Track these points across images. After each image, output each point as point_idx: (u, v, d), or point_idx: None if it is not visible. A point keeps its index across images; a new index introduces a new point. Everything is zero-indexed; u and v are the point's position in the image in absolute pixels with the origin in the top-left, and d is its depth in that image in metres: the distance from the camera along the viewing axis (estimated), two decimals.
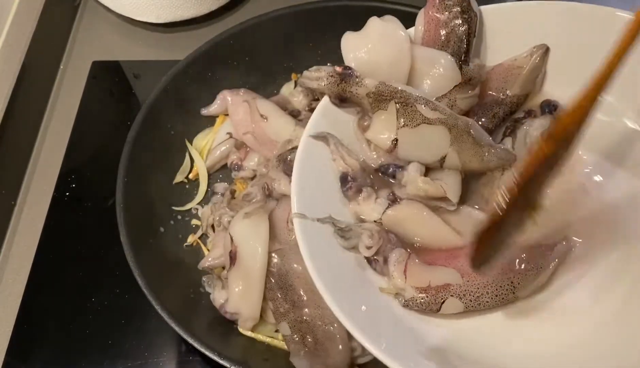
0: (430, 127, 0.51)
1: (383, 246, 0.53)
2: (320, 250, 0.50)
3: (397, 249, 0.53)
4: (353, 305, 0.48)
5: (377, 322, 0.49)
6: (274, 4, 0.79)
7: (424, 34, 0.60)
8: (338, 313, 0.46)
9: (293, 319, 0.58)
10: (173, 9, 0.87)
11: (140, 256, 0.60)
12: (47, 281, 0.69)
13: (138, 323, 0.66)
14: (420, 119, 0.51)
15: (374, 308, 0.50)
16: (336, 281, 0.49)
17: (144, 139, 0.69)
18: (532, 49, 0.59)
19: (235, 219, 0.63)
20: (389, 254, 0.53)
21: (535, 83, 0.60)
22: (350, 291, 0.50)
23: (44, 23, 0.86)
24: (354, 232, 0.52)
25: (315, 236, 0.51)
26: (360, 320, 0.46)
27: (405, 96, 0.52)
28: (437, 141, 0.52)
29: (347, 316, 0.46)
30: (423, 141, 0.52)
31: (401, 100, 0.52)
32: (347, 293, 0.49)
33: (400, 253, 0.53)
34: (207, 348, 0.55)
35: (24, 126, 0.81)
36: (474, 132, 0.52)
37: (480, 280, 0.50)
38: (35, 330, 0.66)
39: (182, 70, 0.73)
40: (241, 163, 0.72)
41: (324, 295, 0.47)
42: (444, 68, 0.55)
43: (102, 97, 0.85)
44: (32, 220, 0.75)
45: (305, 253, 0.49)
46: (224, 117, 0.76)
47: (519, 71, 0.59)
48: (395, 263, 0.52)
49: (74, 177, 0.77)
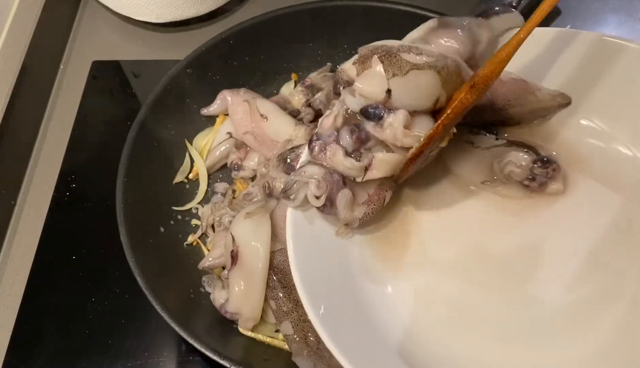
0: (420, 72, 0.50)
1: (330, 192, 0.52)
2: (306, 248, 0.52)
3: (342, 191, 0.52)
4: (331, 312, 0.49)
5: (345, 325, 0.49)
6: (274, 4, 0.79)
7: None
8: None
9: (296, 318, 0.58)
10: (173, 9, 0.87)
11: (140, 256, 0.60)
12: (47, 282, 0.69)
13: (138, 323, 0.66)
14: (408, 66, 0.50)
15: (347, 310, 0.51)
16: (318, 286, 0.50)
17: (144, 139, 0.69)
18: (559, 94, 0.58)
19: (237, 219, 0.63)
20: (335, 198, 0.52)
21: (532, 120, 0.59)
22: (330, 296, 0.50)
23: (44, 23, 0.86)
24: (299, 182, 0.52)
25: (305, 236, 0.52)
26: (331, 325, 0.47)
27: (387, 49, 0.51)
28: (429, 85, 0.51)
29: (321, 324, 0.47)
30: (416, 87, 0.50)
31: (383, 53, 0.50)
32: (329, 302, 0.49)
33: (345, 195, 0.52)
34: (207, 348, 0.55)
35: (24, 125, 0.81)
36: (463, 72, 0.51)
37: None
38: (35, 330, 0.66)
39: (182, 70, 0.73)
40: (241, 162, 0.72)
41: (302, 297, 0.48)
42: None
43: (102, 97, 0.85)
44: (32, 220, 0.75)
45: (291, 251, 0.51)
46: (224, 117, 0.76)
47: (534, 100, 0.58)
48: (345, 206, 0.52)
49: (74, 177, 0.77)
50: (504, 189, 0.57)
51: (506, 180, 0.56)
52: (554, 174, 0.55)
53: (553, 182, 0.55)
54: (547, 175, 0.55)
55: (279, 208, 0.64)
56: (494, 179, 0.57)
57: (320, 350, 0.56)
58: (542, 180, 0.55)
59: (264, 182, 0.66)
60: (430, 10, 0.73)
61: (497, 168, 0.56)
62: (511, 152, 0.56)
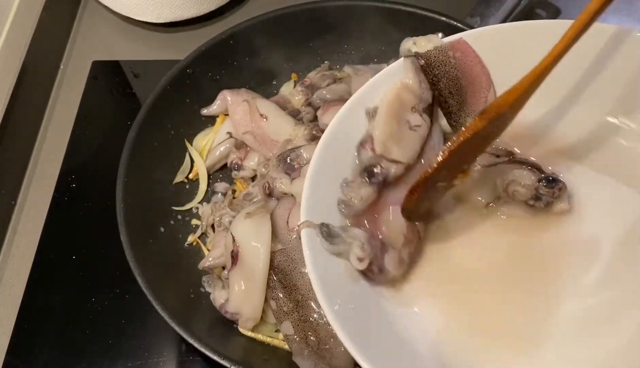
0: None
1: (375, 256, 0.50)
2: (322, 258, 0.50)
3: (388, 253, 0.51)
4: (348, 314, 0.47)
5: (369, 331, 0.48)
6: (274, 4, 0.79)
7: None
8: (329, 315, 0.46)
9: (297, 318, 0.58)
10: (173, 9, 0.87)
11: (141, 256, 0.60)
12: (47, 281, 0.69)
13: (138, 323, 0.66)
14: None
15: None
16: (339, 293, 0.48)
17: (144, 139, 0.69)
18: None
19: (237, 219, 0.63)
20: (383, 262, 0.51)
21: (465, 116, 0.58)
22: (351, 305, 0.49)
23: (44, 23, 0.86)
24: (341, 239, 0.50)
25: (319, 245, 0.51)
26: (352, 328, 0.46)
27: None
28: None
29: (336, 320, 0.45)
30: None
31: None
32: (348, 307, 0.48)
33: (392, 257, 0.51)
34: (208, 348, 0.55)
35: (24, 125, 0.81)
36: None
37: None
38: (36, 330, 0.66)
39: (182, 70, 0.73)
40: (241, 162, 0.72)
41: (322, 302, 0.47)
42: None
43: (102, 97, 0.85)
44: (32, 220, 0.75)
45: (309, 261, 0.49)
46: (224, 117, 0.76)
47: (481, 99, 0.57)
48: (396, 266, 0.51)
49: (74, 177, 0.77)
50: (508, 209, 0.56)
51: (510, 199, 0.55)
52: (560, 194, 0.54)
53: (559, 202, 0.54)
54: (553, 195, 0.53)
55: (278, 208, 0.64)
56: (498, 199, 0.56)
57: (321, 350, 0.56)
58: (548, 200, 0.54)
59: (264, 182, 0.66)
60: (430, 10, 0.73)
61: (501, 186, 0.55)
62: (514, 170, 0.55)
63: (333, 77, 0.76)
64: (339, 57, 0.81)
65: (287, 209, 0.63)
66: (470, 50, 0.56)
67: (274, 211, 0.63)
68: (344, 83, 0.75)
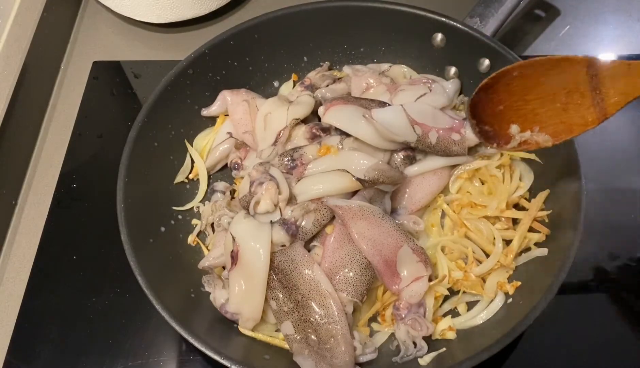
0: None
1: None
2: None
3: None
4: None
5: None
6: (274, 4, 0.79)
7: None
8: None
9: (297, 318, 0.58)
10: (173, 9, 0.87)
11: (141, 256, 0.60)
12: (48, 281, 0.70)
13: (138, 323, 0.66)
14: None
15: None
16: None
17: (144, 139, 0.69)
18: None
19: (237, 219, 0.62)
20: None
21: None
22: None
23: (45, 23, 0.86)
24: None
25: None
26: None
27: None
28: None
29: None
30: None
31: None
32: None
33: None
34: (208, 347, 0.55)
35: (25, 125, 0.81)
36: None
37: None
38: (36, 330, 0.66)
39: (182, 70, 0.73)
40: (241, 162, 0.72)
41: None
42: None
43: (103, 97, 0.85)
44: (32, 220, 0.75)
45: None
46: (224, 117, 0.76)
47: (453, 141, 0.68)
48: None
49: (74, 177, 0.77)
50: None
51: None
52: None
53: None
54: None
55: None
56: None
57: (322, 349, 0.56)
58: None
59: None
60: (430, 10, 0.73)
61: None
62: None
63: (333, 77, 0.77)
64: (338, 57, 0.81)
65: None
66: None
67: None
68: (343, 83, 0.75)
